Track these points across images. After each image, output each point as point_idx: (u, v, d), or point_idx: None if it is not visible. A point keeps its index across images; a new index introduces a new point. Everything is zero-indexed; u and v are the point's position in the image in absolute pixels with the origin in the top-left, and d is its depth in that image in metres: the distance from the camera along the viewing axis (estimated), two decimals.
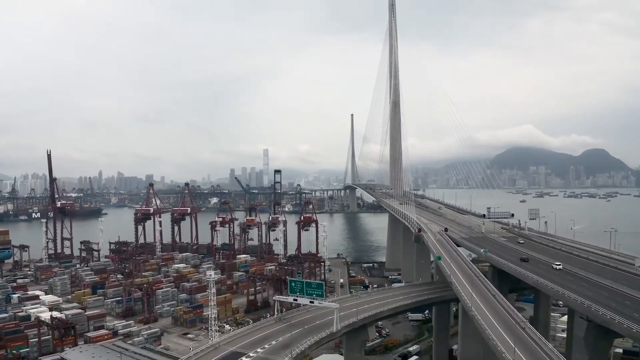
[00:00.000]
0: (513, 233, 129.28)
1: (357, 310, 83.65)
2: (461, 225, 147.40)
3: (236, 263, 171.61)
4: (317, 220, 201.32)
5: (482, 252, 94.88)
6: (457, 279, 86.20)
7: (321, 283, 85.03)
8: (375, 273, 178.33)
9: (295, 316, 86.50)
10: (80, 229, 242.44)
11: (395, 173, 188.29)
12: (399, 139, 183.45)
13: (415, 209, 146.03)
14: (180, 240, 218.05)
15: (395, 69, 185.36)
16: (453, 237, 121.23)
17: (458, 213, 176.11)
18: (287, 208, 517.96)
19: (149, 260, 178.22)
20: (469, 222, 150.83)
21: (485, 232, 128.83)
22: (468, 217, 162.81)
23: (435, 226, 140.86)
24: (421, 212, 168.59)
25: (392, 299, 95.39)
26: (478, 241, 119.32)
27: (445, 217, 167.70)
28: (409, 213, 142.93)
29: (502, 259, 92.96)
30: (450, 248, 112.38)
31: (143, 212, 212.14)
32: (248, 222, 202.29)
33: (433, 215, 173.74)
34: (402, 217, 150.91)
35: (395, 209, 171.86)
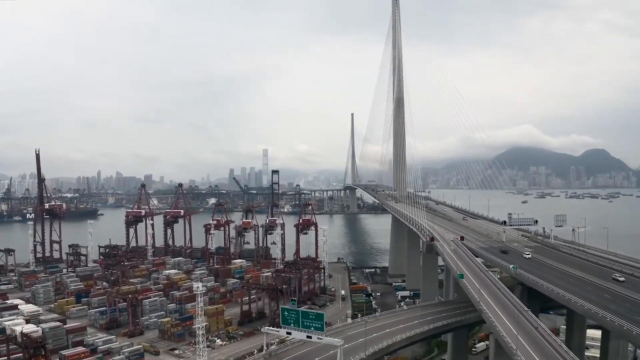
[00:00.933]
0: (536, 242, 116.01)
1: (365, 340, 71.81)
2: (476, 232, 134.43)
3: (231, 269, 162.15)
4: (316, 223, 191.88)
5: (510, 269, 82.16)
6: (487, 303, 73.54)
7: (321, 314, 71.62)
8: (377, 279, 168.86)
9: (289, 351, 75.29)
10: (74, 231, 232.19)
11: (398, 174, 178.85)
12: (403, 138, 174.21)
13: (425, 213, 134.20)
14: (173, 243, 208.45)
15: (399, 63, 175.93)
16: (470, 247, 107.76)
17: (471, 218, 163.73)
18: (286, 209, 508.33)
19: (138, 266, 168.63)
20: (486, 228, 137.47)
21: (506, 241, 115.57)
22: (483, 223, 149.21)
23: (447, 233, 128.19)
24: (429, 216, 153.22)
25: (405, 324, 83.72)
26: (499, 252, 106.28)
27: (457, 222, 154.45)
28: (419, 219, 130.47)
29: (536, 277, 78.45)
30: (471, 262, 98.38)
31: (134, 214, 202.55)
32: (244, 225, 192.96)
33: (443, 220, 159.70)
34: (410, 222, 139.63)
35: (401, 213, 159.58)
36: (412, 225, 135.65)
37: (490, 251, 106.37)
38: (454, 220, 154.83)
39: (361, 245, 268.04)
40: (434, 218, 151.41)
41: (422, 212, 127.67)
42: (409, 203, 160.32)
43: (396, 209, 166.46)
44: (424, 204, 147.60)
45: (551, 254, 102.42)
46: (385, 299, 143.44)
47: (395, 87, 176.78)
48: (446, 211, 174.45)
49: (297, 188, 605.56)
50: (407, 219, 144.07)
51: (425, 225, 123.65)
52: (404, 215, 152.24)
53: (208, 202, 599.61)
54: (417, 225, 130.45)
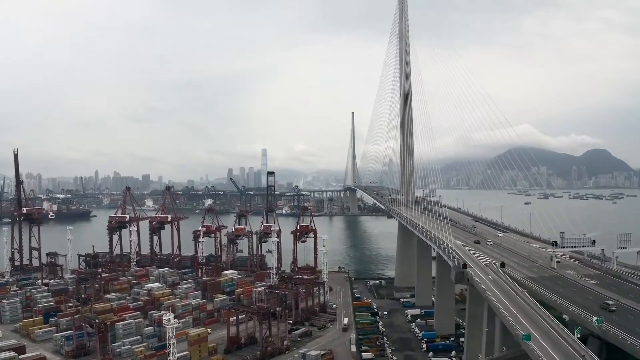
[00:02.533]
0: (594, 268, 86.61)
1: None
2: (511, 251, 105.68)
3: (220, 282, 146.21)
4: (315, 230, 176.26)
5: (594, 323, 53.52)
6: None
7: None
8: (383, 293, 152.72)
9: None
10: (62, 235, 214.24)
11: (406, 176, 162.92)
12: (411, 135, 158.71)
13: (449, 226, 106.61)
14: (160, 251, 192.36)
15: (407, 55, 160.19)
16: (515, 277, 79.49)
17: (497, 230, 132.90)
18: (285, 210, 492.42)
19: (118, 278, 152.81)
20: (522, 246, 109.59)
21: (558, 268, 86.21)
22: (516, 237, 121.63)
23: (473, 251, 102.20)
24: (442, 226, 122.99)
25: None
26: (555, 285, 75.09)
27: (482, 236, 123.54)
28: (443, 237, 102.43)
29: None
30: (529, 307, 65.99)
31: (118, 219, 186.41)
32: (237, 231, 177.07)
33: (462, 231, 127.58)
34: (426, 235, 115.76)
35: (415, 224, 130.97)
36: (432, 242, 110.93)
37: (543, 284, 75.27)
38: (478, 234, 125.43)
39: (363, 251, 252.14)
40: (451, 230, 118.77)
41: (447, 225, 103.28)
42: (419, 209, 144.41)
43: (409, 219, 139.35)
44: (439, 212, 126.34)
45: (624, 288, 73.32)
46: (393, 318, 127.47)
47: (402, 81, 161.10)
48: (458, 218, 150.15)
49: (295, 189, 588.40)
50: (422, 232, 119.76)
51: (452, 246, 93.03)
52: (418, 227, 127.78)
53: (204, 204, 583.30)
54: (438, 243, 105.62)
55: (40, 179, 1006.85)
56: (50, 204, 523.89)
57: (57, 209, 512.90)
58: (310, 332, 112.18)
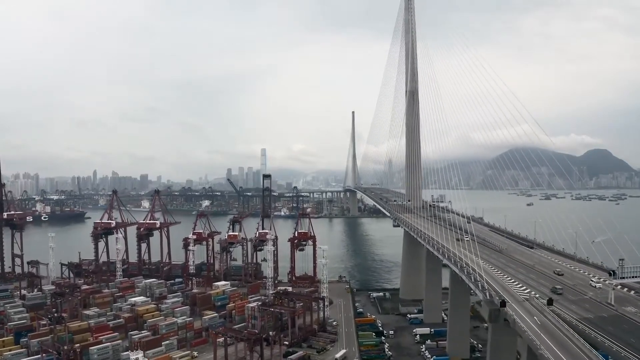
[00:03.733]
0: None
1: None
2: (549, 277, 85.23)
3: (211, 295, 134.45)
4: (314, 237, 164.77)
5: None
6: None
7: None
8: (388, 307, 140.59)
9: None
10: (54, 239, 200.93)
11: (412, 180, 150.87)
12: (417, 137, 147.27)
13: (475, 245, 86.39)
14: (149, 259, 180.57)
15: (413, 51, 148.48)
16: (566, 320, 61.93)
17: (521, 245, 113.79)
18: (283, 212, 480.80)
19: (101, 291, 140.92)
20: (563, 269, 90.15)
21: (616, 304, 67.33)
22: (548, 256, 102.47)
23: (499, 274, 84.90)
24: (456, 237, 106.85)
25: None
26: (621, 332, 58.24)
27: (509, 254, 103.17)
28: (469, 258, 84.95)
29: None
30: None
31: (103, 225, 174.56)
32: (230, 238, 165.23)
33: (483, 247, 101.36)
34: (447, 256, 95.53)
35: (429, 238, 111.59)
36: (453, 265, 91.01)
37: (605, 330, 58.14)
38: (503, 252, 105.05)
39: (365, 257, 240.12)
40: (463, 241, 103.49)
41: (472, 244, 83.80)
42: (427, 216, 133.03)
43: (422, 232, 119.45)
44: (454, 222, 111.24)
45: None
46: (400, 338, 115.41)
47: (408, 79, 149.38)
48: (474, 229, 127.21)
49: (294, 190, 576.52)
50: (441, 251, 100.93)
51: (479, 270, 76.15)
52: (433, 242, 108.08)
53: (202, 205, 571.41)
54: (459, 264, 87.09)
55: (38, 179, 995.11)
56: (43, 206, 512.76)
57: (51, 211, 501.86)
58: (307, 356, 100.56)
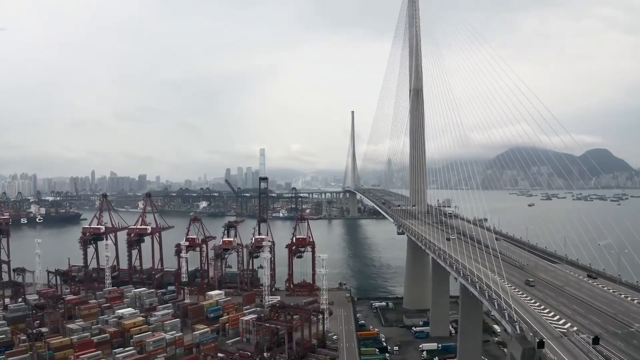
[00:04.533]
0: None
1: None
2: (583, 302, 70.92)
3: (204, 307, 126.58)
4: (313, 242, 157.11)
5: None
6: None
7: None
8: (391, 318, 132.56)
9: None
10: (47, 241, 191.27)
11: (417, 182, 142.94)
12: (422, 137, 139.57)
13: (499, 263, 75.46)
14: (141, 265, 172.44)
15: (417, 46, 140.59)
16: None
17: (543, 259, 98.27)
18: (282, 213, 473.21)
19: (87, 301, 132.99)
20: (592, 291, 76.38)
21: None
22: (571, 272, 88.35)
23: (526, 299, 71.02)
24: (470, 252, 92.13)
25: None
26: None
27: (532, 272, 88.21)
28: (496, 285, 72.21)
29: None
30: None
31: (92, 231, 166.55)
32: (224, 245, 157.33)
33: (499, 260, 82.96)
34: (464, 275, 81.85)
35: (440, 251, 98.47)
36: (472, 287, 77.13)
37: None
38: (525, 269, 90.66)
39: (366, 261, 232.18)
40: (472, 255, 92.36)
41: (494, 260, 72.58)
42: (432, 222, 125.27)
43: (430, 243, 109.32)
44: (464, 231, 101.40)
45: None
46: (406, 354, 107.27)
47: (413, 77, 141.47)
48: (486, 238, 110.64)
49: (293, 191, 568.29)
50: (451, 265, 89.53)
51: (507, 297, 64.38)
52: (446, 257, 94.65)
53: (199, 206, 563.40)
54: (477, 284, 74.91)
55: (36, 179, 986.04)
56: (38, 207, 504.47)
57: (46, 212, 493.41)
58: None
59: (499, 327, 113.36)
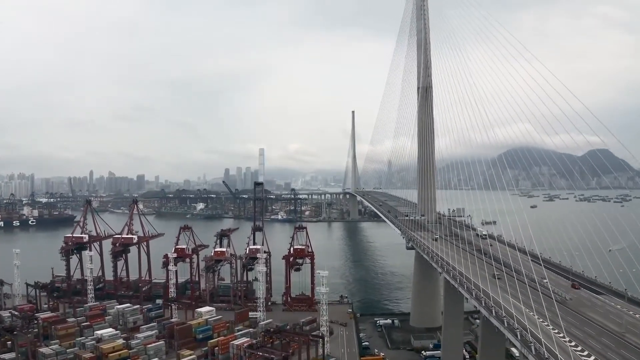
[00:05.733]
0: None
1: None
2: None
3: (192, 326, 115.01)
4: (312, 253, 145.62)
5: None
6: None
7: None
8: (397, 339, 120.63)
9: None
10: (42, 243, 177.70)
11: (426, 190, 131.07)
12: (431, 138, 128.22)
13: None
14: (127, 277, 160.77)
15: (426, 41, 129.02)
16: None
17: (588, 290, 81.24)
18: (280, 216, 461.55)
19: (65, 320, 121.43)
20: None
21: None
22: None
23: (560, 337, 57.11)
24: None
25: None
26: None
27: (578, 309, 71.17)
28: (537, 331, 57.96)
29: None
30: None
31: (74, 240, 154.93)
32: (216, 255, 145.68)
33: (533, 290, 70.39)
34: (504, 324, 64.91)
35: (467, 282, 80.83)
36: (508, 332, 63.10)
37: None
38: (568, 304, 73.30)
39: (368, 269, 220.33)
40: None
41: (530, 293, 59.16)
42: (442, 233, 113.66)
43: (443, 263, 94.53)
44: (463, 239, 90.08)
45: None
46: None
47: (421, 75, 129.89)
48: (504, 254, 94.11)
49: (292, 192, 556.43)
50: (476, 296, 75.07)
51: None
52: (469, 287, 78.86)
53: (196, 208, 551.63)
54: (521, 336, 59.00)
55: (33, 180, 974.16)
56: (30, 209, 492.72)
57: (39, 214, 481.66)
58: None
59: (516, 351, 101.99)
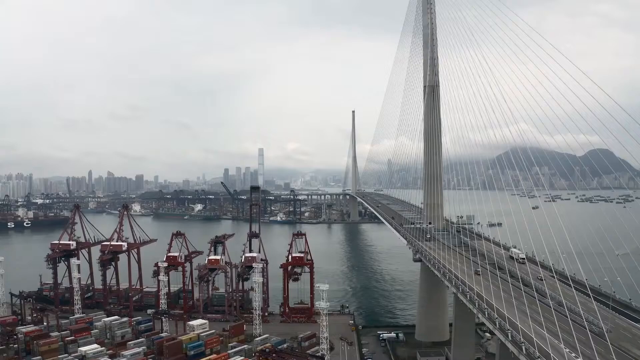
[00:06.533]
0: None
1: None
2: None
3: (182, 342, 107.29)
4: (312, 261, 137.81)
5: None
6: None
7: None
8: (403, 354, 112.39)
9: None
10: (36, 246, 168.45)
11: (433, 196, 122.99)
12: (438, 139, 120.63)
13: None
14: (117, 285, 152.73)
15: (433, 36, 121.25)
16: None
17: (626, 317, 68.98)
18: (279, 217, 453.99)
19: (48, 334, 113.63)
20: None
21: None
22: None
23: None
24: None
25: None
26: None
27: (619, 344, 58.94)
28: None
29: None
30: None
31: (61, 247, 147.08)
32: (210, 264, 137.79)
33: (562, 316, 62.69)
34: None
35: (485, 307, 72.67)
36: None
37: None
38: (608, 336, 57.50)
39: (369, 275, 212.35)
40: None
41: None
42: (455, 246, 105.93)
43: (473, 297, 78.89)
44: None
45: None
46: None
47: (428, 72, 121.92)
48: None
49: (292, 193, 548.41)
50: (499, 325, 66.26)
51: None
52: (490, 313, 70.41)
53: (194, 209, 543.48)
54: None
55: (31, 180, 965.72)
56: (25, 211, 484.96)
57: (34, 216, 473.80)
58: None
59: None
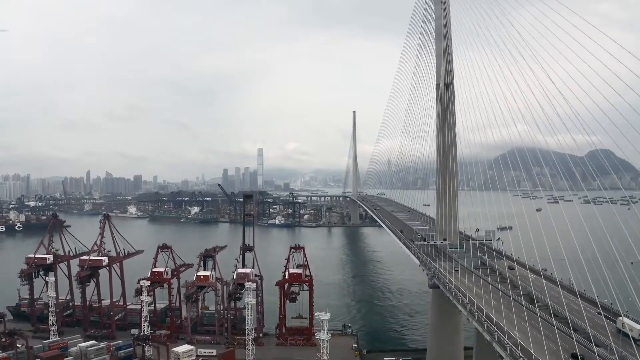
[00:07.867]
0: None
1: None
2: None
3: None
4: (311, 278, 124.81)
5: None
6: None
7: None
8: None
9: None
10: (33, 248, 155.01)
11: (448, 207, 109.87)
12: (452, 143, 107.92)
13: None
14: (99, 302, 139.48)
15: (447, 29, 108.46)
16: None
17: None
18: (278, 221, 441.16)
19: None
20: None
21: None
22: None
23: None
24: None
25: None
26: None
27: None
28: None
29: None
30: None
31: (37, 261, 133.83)
32: (199, 281, 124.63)
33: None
34: None
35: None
36: None
37: None
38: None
39: (373, 286, 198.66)
40: None
41: None
42: (474, 267, 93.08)
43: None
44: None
45: None
46: None
47: (442, 69, 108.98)
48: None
49: (291, 195, 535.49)
50: None
51: None
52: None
53: (190, 212, 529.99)
54: None
55: (29, 180, 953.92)
56: (17, 214, 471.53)
57: (26, 219, 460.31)
58: None
59: None
